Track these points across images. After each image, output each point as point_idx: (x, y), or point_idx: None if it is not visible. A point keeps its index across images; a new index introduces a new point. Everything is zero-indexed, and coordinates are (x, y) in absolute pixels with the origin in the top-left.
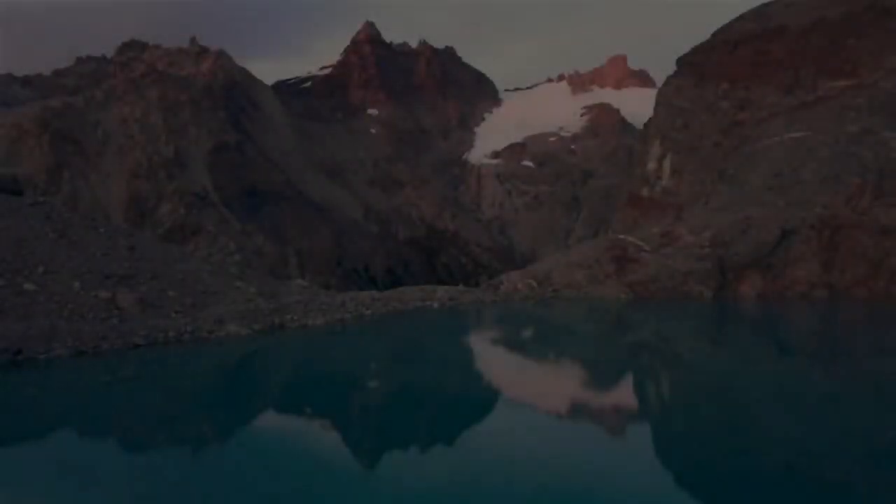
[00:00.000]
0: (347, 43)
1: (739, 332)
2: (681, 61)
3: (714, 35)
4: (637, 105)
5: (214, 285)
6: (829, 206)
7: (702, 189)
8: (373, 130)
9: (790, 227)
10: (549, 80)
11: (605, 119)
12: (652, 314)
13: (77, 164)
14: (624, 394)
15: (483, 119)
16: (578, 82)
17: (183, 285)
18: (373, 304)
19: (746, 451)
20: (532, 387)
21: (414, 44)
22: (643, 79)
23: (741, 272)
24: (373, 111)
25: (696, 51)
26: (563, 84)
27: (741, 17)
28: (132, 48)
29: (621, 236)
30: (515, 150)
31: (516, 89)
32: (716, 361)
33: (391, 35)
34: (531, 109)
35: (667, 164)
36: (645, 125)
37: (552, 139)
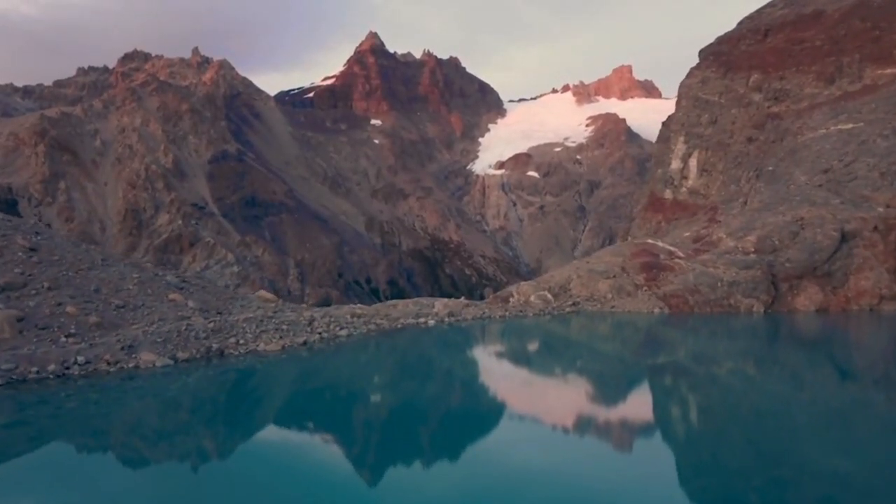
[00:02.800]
0: (351, 54)
1: (813, 361)
2: (704, 52)
3: (740, 24)
4: (642, 115)
5: (139, 298)
6: (892, 204)
7: (737, 188)
8: (376, 141)
9: (849, 228)
10: (554, 91)
11: (610, 129)
12: (704, 336)
13: (73, 174)
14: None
15: (487, 129)
16: (583, 93)
17: (93, 298)
18: (351, 323)
19: None
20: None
21: (418, 54)
22: (649, 89)
23: (795, 282)
24: (376, 121)
25: (721, 40)
26: (568, 94)
27: (770, 4)
28: (134, 58)
29: (649, 241)
30: (520, 161)
31: (521, 100)
32: (805, 416)
33: (395, 45)
34: (536, 120)
35: (693, 162)
36: (664, 123)
37: (557, 149)
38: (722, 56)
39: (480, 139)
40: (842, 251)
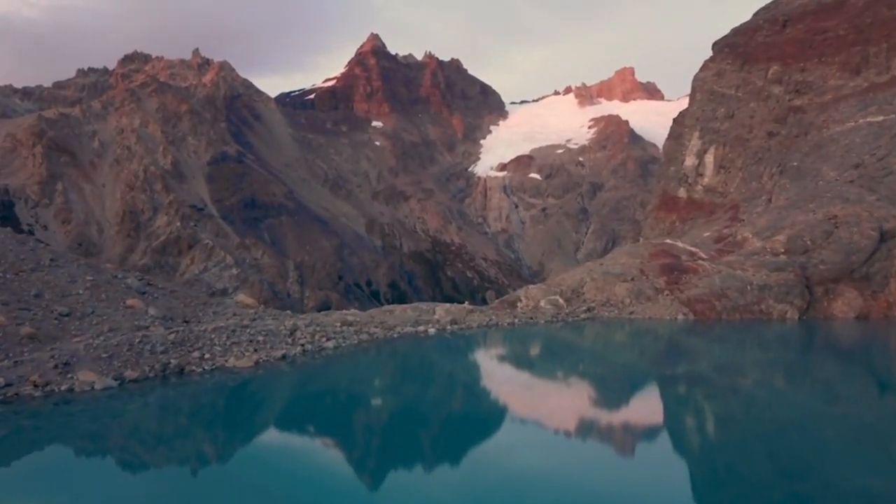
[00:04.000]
0: (352, 56)
1: (857, 375)
2: (719, 44)
3: (756, 14)
4: (645, 117)
5: (90, 304)
6: None
7: (759, 185)
8: (377, 142)
9: (889, 227)
10: (556, 93)
11: (613, 131)
12: (739, 348)
13: (71, 176)
14: None
15: (489, 131)
16: (585, 94)
17: (31, 305)
18: (340, 333)
19: None
20: None
21: (419, 55)
22: (651, 91)
23: (831, 286)
24: (377, 123)
25: (736, 32)
26: (570, 96)
27: None
28: (134, 60)
29: (668, 240)
30: (522, 163)
31: (522, 102)
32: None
33: (396, 47)
34: (538, 122)
35: (709, 158)
36: (675, 119)
37: (559, 151)
38: (738, 48)
39: (482, 141)
40: (881, 252)
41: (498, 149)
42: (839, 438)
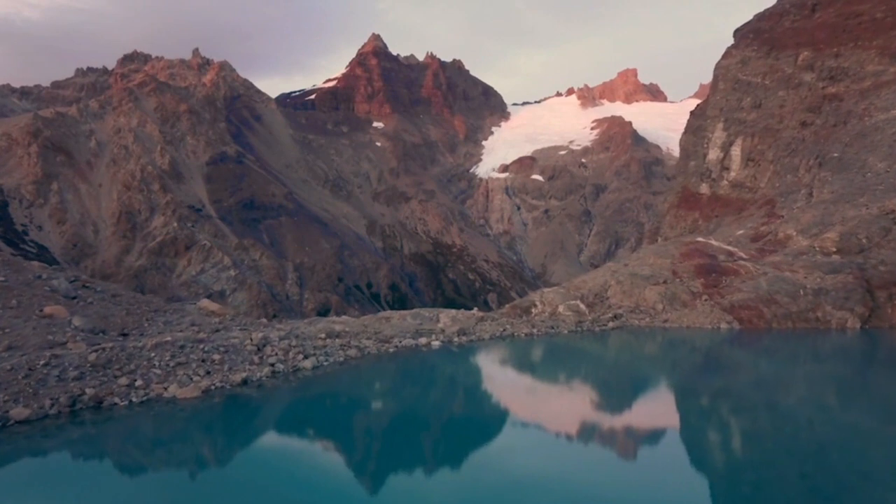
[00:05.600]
0: (353, 57)
1: None
2: (741, 31)
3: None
4: (648, 119)
5: None
6: None
7: (795, 179)
8: (378, 143)
9: None
10: (558, 94)
11: (616, 132)
12: (808, 367)
13: (67, 175)
14: None
15: (491, 132)
16: (588, 96)
17: None
18: (322, 347)
19: None
20: None
21: (421, 56)
22: (654, 93)
23: (895, 290)
24: (378, 124)
25: (760, 17)
26: (573, 98)
27: None
28: (134, 60)
29: (700, 238)
30: (524, 164)
31: (524, 103)
32: None
33: (398, 48)
34: (540, 123)
35: (736, 151)
36: (693, 112)
37: (562, 153)
38: (763, 34)
39: (484, 142)
40: None
41: (500, 150)
42: None
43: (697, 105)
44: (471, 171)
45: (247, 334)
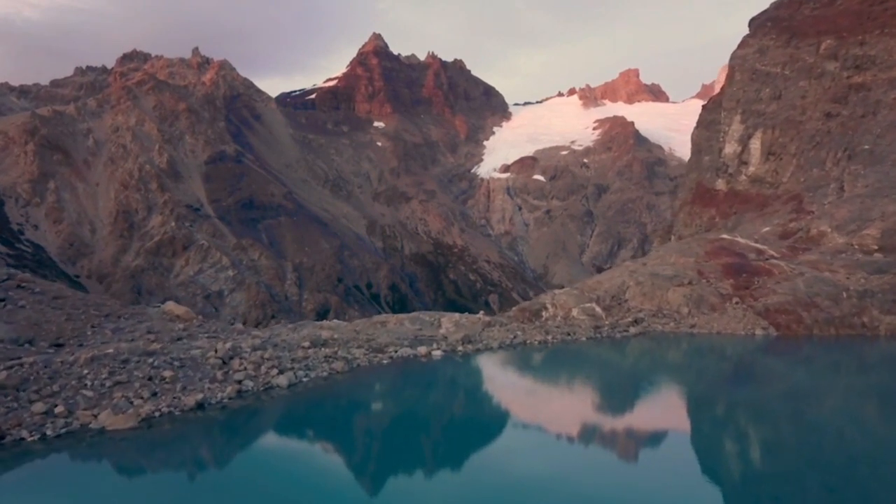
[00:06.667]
0: (353, 56)
1: None
2: (757, 20)
3: None
4: (650, 119)
5: None
6: None
7: (822, 172)
8: (379, 143)
9: None
10: (560, 95)
11: (618, 132)
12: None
13: (64, 174)
14: None
15: (492, 132)
16: (589, 96)
17: None
18: (304, 360)
19: None
20: None
21: (422, 56)
22: (656, 93)
23: None
24: (379, 124)
25: (777, 5)
26: (574, 98)
27: None
28: (133, 59)
29: (724, 235)
30: (526, 164)
31: (526, 103)
32: None
33: (399, 47)
34: (541, 123)
35: (755, 144)
36: (705, 106)
37: (564, 153)
38: (781, 22)
39: (485, 142)
40: None
41: (501, 150)
42: None
43: (710, 98)
44: (472, 171)
45: (213, 343)
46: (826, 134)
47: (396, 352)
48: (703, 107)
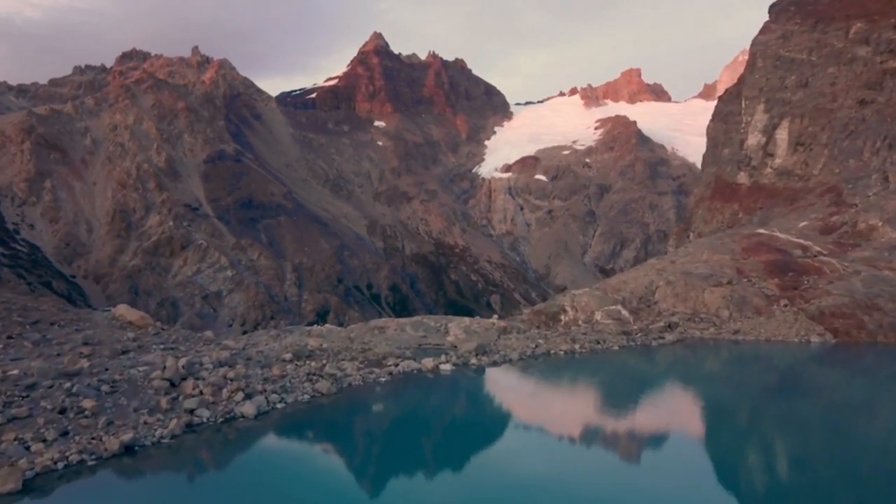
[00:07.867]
0: (354, 56)
1: None
2: (779, 5)
3: None
4: (652, 119)
5: None
6: None
7: (860, 163)
8: (379, 143)
9: None
10: (561, 94)
11: (620, 132)
12: None
13: (61, 173)
14: None
15: (493, 132)
16: (591, 96)
17: None
18: (280, 379)
19: None
20: None
21: (423, 55)
22: (658, 93)
23: None
24: (380, 123)
25: None
26: (576, 98)
27: None
28: (133, 57)
29: (762, 230)
30: (528, 164)
31: (527, 103)
32: None
33: (400, 46)
34: (543, 123)
35: (782, 135)
36: (721, 97)
37: (566, 152)
38: (806, 6)
39: (486, 142)
40: None
41: (503, 150)
42: None
43: (726, 90)
44: (473, 170)
45: (163, 359)
46: (861, 122)
47: (397, 365)
48: (720, 98)
